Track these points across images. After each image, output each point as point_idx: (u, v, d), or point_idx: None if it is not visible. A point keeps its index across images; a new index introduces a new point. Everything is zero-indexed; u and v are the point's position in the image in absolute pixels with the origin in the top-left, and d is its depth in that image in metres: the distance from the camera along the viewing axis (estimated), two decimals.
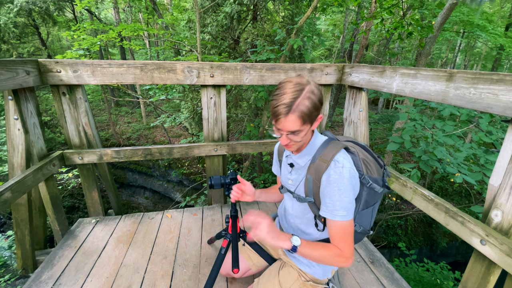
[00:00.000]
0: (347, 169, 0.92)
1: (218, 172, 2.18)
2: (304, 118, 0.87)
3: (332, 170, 0.92)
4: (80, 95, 1.78)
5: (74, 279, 1.52)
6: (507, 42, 10.46)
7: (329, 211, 0.94)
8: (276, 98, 0.88)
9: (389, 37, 10.02)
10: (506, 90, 0.98)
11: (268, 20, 7.23)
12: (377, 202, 1.11)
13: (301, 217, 1.13)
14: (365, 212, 1.08)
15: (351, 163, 0.95)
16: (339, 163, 0.92)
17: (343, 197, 0.91)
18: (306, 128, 0.90)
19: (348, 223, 0.94)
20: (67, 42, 18.76)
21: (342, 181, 0.91)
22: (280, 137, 0.94)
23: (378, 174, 1.04)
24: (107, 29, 4.58)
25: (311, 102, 0.86)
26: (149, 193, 12.69)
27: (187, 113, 7.70)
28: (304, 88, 0.86)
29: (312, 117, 0.89)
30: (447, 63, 20.06)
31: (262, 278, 1.25)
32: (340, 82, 2.04)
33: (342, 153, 0.95)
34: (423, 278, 4.27)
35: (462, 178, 2.54)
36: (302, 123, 0.88)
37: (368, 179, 0.99)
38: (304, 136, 0.93)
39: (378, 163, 1.07)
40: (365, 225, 1.12)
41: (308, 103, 0.86)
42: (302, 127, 0.89)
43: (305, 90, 0.86)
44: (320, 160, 0.96)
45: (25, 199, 1.60)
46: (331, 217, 0.94)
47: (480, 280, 1.13)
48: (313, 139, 1.03)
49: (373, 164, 1.04)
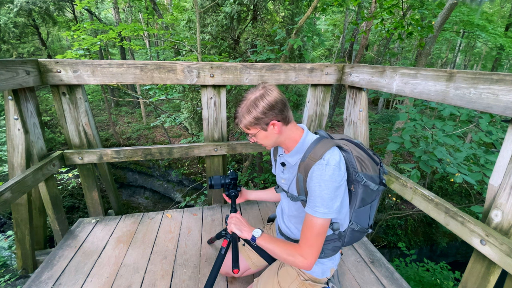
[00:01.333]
0: (331, 167, 0.92)
1: (218, 172, 2.18)
2: (248, 128, 1.02)
3: (316, 167, 0.94)
4: (80, 95, 1.78)
5: (74, 279, 1.52)
6: (507, 42, 10.45)
7: (310, 207, 0.95)
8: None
9: (389, 37, 10.03)
10: (506, 90, 0.97)
11: (268, 20, 7.23)
12: (375, 200, 1.11)
13: (296, 216, 1.14)
14: (363, 210, 1.08)
15: (339, 161, 0.94)
16: (324, 160, 0.93)
17: (323, 194, 0.92)
18: (257, 131, 1.01)
19: (323, 222, 0.94)
20: (67, 42, 18.75)
21: (323, 177, 0.91)
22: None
23: (374, 172, 1.05)
24: (107, 29, 4.58)
25: (249, 114, 0.98)
26: (149, 193, 12.69)
27: (187, 113, 7.70)
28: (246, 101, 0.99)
29: (256, 122, 0.99)
30: (447, 63, 20.05)
31: (262, 278, 1.26)
32: (340, 82, 2.04)
33: (331, 151, 0.96)
34: (423, 278, 4.27)
35: (462, 178, 2.54)
36: (250, 130, 1.02)
37: (362, 176, 1.00)
38: (266, 137, 1.03)
39: (373, 161, 1.07)
40: (363, 223, 1.12)
41: (246, 116, 0.99)
42: (253, 131, 1.02)
43: (245, 101, 0.99)
44: (309, 158, 0.98)
45: (25, 199, 1.60)
46: (311, 213, 0.94)
47: (480, 280, 1.13)
48: (303, 138, 1.04)
49: (368, 162, 1.04)
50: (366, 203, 1.07)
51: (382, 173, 1.09)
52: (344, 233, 1.12)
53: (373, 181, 1.04)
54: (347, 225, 1.11)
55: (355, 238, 1.15)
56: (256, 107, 0.97)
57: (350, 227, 1.11)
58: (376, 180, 1.05)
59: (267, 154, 6.86)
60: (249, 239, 1.08)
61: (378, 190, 1.06)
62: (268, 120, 0.98)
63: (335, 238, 1.11)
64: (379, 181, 1.06)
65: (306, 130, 1.07)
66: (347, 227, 1.11)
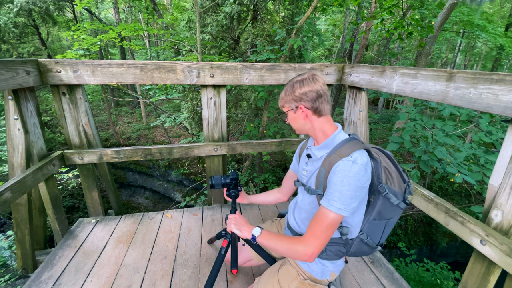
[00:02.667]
0: (358, 165, 0.91)
1: (218, 172, 2.18)
2: (283, 104, 1.11)
3: (342, 162, 0.93)
4: (80, 95, 1.78)
5: (74, 279, 1.52)
6: (507, 42, 10.46)
7: (326, 199, 0.94)
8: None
9: (389, 37, 10.03)
10: (506, 90, 0.98)
11: (268, 20, 7.23)
12: (392, 218, 1.05)
13: (307, 210, 1.13)
14: (377, 223, 1.04)
15: (366, 163, 0.93)
16: (352, 157, 0.93)
17: (343, 189, 0.90)
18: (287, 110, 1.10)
19: (335, 217, 0.92)
20: (67, 42, 18.75)
21: (348, 174, 0.90)
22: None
23: (399, 188, 1.00)
24: (107, 29, 4.58)
25: (286, 92, 1.09)
26: (149, 193, 12.68)
27: (187, 113, 7.70)
28: (290, 81, 1.10)
29: (285, 100, 1.09)
30: (447, 63, 20.05)
31: (262, 277, 1.26)
32: (340, 82, 2.05)
33: (360, 152, 0.95)
34: (423, 278, 4.27)
35: (462, 178, 2.54)
36: (285, 106, 1.11)
37: (385, 187, 0.97)
38: (294, 119, 1.10)
39: (401, 177, 1.02)
40: (373, 238, 1.07)
41: (284, 94, 1.10)
42: (285, 109, 1.11)
43: (290, 82, 1.09)
44: (337, 154, 0.97)
45: (25, 199, 1.60)
46: (326, 205, 0.93)
47: (480, 280, 1.13)
48: (335, 134, 1.06)
49: (395, 176, 1.00)
50: (383, 217, 1.03)
51: (407, 193, 1.03)
52: (351, 241, 1.08)
53: (396, 197, 0.99)
54: (357, 234, 1.06)
55: (361, 251, 1.11)
56: (293, 89, 1.06)
57: (360, 237, 1.07)
58: (399, 197, 1.00)
59: (267, 154, 6.86)
60: (249, 239, 1.09)
61: (399, 206, 1.01)
62: (298, 104, 1.05)
63: (340, 243, 1.08)
64: (402, 199, 1.01)
65: (339, 129, 1.08)
66: (356, 236, 1.07)
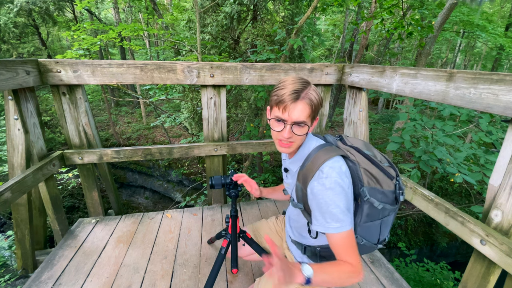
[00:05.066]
0: (332, 179, 0.84)
1: (218, 172, 2.18)
2: (312, 108, 0.87)
3: (316, 182, 0.86)
4: (80, 95, 1.78)
5: (74, 279, 1.52)
6: (507, 42, 10.46)
7: (320, 225, 0.87)
8: (282, 87, 0.87)
9: (389, 37, 10.03)
10: (506, 90, 0.98)
11: (268, 20, 7.23)
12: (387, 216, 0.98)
13: (296, 220, 1.12)
14: (370, 225, 0.96)
15: (340, 172, 0.85)
16: (323, 173, 0.85)
17: (331, 209, 0.83)
18: (309, 122, 0.89)
19: (346, 234, 0.85)
20: (67, 42, 18.75)
21: (326, 192, 0.84)
22: (281, 130, 0.90)
23: (387, 186, 0.92)
24: (107, 29, 4.58)
25: (317, 95, 0.88)
26: (149, 193, 12.69)
27: (187, 113, 7.70)
28: (309, 83, 0.89)
29: (316, 112, 0.89)
30: (447, 63, 20.05)
31: (263, 278, 1.26)
32: (340, 82, 2.04)
33: (332, 161, 0.87)
34: (423, 278, 4.27)
35: (462, 178, 2.54)
36: (309, 114, 0.87)
37: (366, 191, 0.88)
38: (305, 135, 0.91)
39: (386, 174, 0.94)
40: (371, 239, 1.01)
41: (316, 95, 0.87)
42: (308, 119, 0.88)
43: (310, 84, 0.89)
44: (307, 168, 0.90)
45: (25, 199, 1.60)
46: (324, 231, 0.87)
47: (480, 280, 1.13)
48: (306, 143, 0.96)
49: (378, 176, 0.92)
50: (375, 218, 0.95)
51: (398, 189, 0.95)
52: None
53: (384, 197, 0.91)
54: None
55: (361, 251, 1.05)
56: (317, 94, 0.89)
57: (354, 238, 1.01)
58: (388, 196, 0.92)
59: (267, 154, 6.86)
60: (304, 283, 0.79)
61: (384, 208, 0.92)
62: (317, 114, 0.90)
63: None
64: (393, 197, 0.93)
65: (309, 135, 0.97)
66: None
